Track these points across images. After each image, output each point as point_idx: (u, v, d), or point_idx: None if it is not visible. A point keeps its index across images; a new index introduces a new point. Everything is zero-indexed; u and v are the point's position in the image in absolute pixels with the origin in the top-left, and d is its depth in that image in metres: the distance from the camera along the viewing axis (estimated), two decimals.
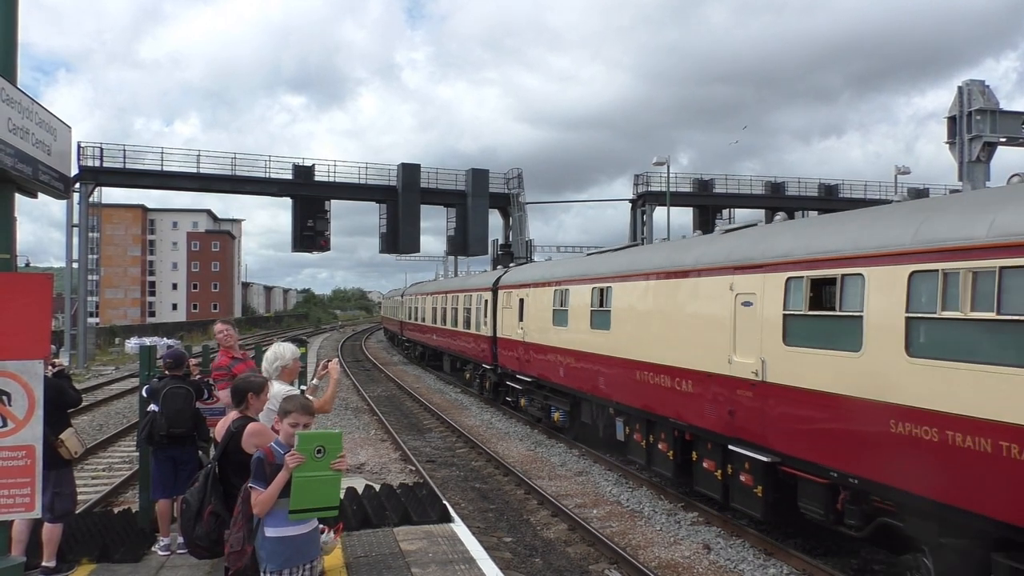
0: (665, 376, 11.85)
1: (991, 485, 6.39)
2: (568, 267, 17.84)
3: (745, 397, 9.79)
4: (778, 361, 9.16)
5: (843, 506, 8.42)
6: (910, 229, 7.49)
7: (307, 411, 4.63)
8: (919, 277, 7.13)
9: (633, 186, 47.87)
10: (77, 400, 7.31)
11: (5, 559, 4.85)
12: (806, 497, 8.89)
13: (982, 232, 6.58)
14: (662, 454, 12.24)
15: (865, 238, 8.11)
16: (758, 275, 9.65)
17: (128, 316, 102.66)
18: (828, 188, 49.94)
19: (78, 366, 36.13)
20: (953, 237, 6.89)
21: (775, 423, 9.24)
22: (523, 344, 19.54)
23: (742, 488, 9.94)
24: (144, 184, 42.13)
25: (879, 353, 7.56)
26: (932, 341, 7.06)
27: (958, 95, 27.77)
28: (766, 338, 9.38)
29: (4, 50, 4.88)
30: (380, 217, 44.19)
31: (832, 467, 8.29)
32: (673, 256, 12.37)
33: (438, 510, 8.90)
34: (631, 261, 14.00)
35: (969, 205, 7.24)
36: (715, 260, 10.85)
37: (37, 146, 5.03)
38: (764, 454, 9.37)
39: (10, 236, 5.00)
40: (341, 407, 23.33)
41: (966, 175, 27.18)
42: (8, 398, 4.67)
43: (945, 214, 7.32)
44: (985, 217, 6.68)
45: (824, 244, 8.71)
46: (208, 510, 5.03)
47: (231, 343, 7.99)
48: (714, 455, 10.65)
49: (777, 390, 9.19)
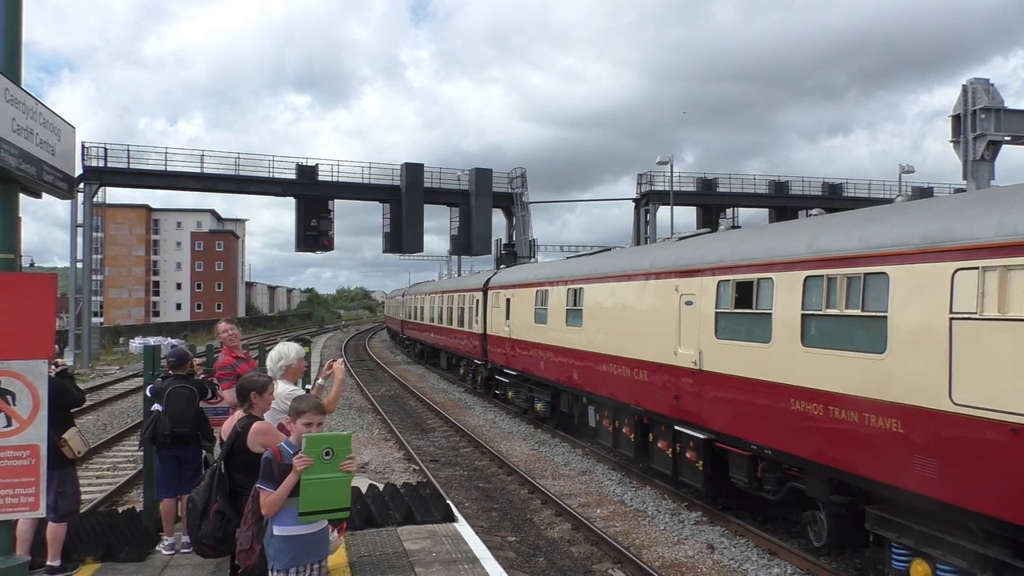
0: (626, 367, 13.42)
1: (859, 449, 7.87)
2: (547, 270, 19.57)
3: (687, 383, 11.31)
4: (711, 352, 10.70)
5: (762, 474, 9.98)
6: (806, 241, 9.03)
7: (320, 410, 4.65)
8: (811, 281, 8.66)
9: (637, 185, 47.87)
10: (80, 400, 7.32)
11: (10, 558, 4.85)
12: (735, 468, 10.44)
13: (853, 244, 8.16)
14: (625, 437, 13.77)
15: (775, 248, 9.60)
16: (697, 278, 11.21)
17: (132, 316, 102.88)
18: (832, 187, 49.86)
19: (82, 366, 36.21)
20: (834, 248, 8.42)
21: (709, 405, 10.78)
22: (509, 340, 21.05)
23: (688, 464, 11.42)
24: (148, 184, 42.24)
25: (783, 344, 9.07)
26: (819, 333, 8.57)
27: (962, 93, 27.69)
28: (702, 332, 10.92)
29: (8, 50, 4.89)
30: (383, 217, 44.24)
31: (752, 441, 9.83)
32: (633, 261, 14.04)
33: (442, 510, 8.90)
34: (599, 265, 15.52)
35: (850, 222, 8.77)
36: (665, 265, 12.39)
37: (41, 146, 5.03)
38: (702, 432, 10.90)
39: (14, 236, 5.00)
40: (345, 406, 23.34)
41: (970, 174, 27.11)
42: (12, 398, 4.68)
43: (832, 229, 8.83)
44: (856, 232, 8.27)
45: (746, 253, 10.18)
46: (214, 509, 5.04)
47: (235, 343, 7.96)
48: (666, 436, 12.11)
49: (710, 377, 10.71)
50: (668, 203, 41.39)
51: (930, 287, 7.05)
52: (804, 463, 8.90)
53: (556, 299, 17.37)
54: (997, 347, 6.34)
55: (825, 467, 8.47)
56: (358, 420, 21.09)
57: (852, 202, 45.94)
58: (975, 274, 6.58)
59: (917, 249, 7.29)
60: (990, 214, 6.74)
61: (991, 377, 6.40)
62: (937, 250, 7.05)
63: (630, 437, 13.50)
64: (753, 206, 49.78)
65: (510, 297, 21.31)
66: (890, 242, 7.68)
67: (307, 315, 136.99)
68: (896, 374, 7.36)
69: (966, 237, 6.79)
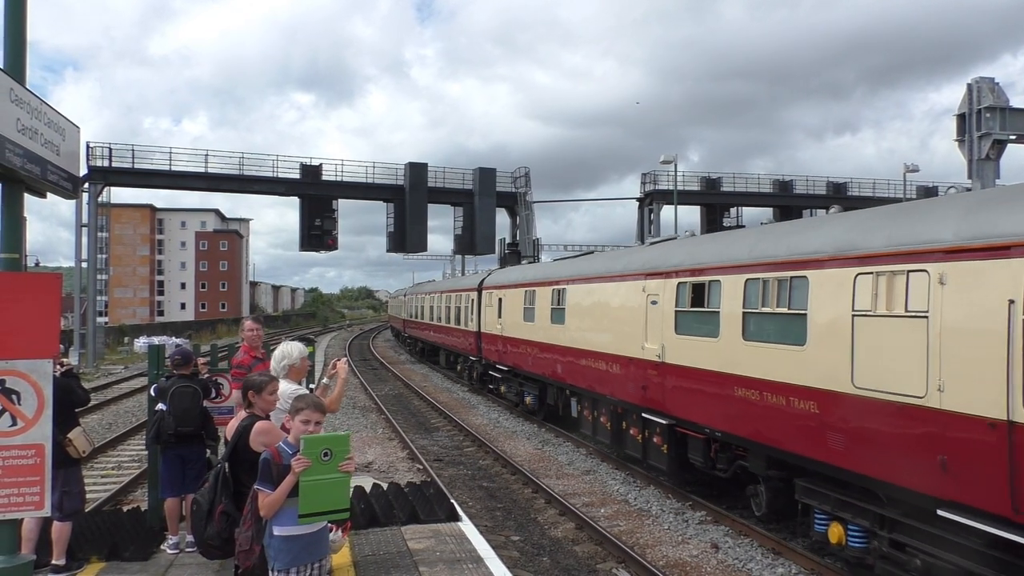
0: (602, 361, 14.64)
1: (787, 429, 9.05)
2: (535, 271, 21.05)
3: (652, 375, 12.50)
4: (672, 346, 11.92)
5: (715, 455, 11.17)
6: (747, 248, 10.25)
7: (319, 409, 4.62)
8: (750, 283, 9.88)
9: (641, 184, 47.80)
10: (85, 399, 7.34)
11: (15, 557, 4.87)
12: (692, 450, 11.67)
13: (783, 251, 9.39)
14: (603, 426, 15.02)
15: (723, 254, 10.80)
16: (660, 280, 12.40)
17: (137, 315, 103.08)
18: (836, 186, 49.74)
19: (88, 365, 36.29)
20: (768, 255, 9.67)
21: (670, 394, 11.98)
22: (501, 338, 22.33)
23: (655, 448, 12.64)
24: (153, 184, 42.31)
25: (728, 338, 10.31)
26: (756, 328, 9.79)
27: (967, 92, 27.61)
28: (664, 328, 12.13)
29: (13, 51, 4.90)
30: (387, 216, 44.26)
31: (706, 425, 11.01)
32: (608, 264, 15.31)
33: (446, 509, 8.90)
34: (580, 267, 16.89)
35: (783, 231, 10.20)
36: (634, 268, 13.60)
37: (46, 146, 5.04)
38: (665, 418, 12.10)
39: (19, 236, 5.02)
40: (349, 406, 23.37)
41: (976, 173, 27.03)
42: (17, 397, 4.69)
43: (768, 238, 10.14)
44: (785, 241, 9.55)
45: (700, 258, 11.46)
46: (219, 509, 5.03)
47: (257, 343, 7.88)
48: (636, 423, 13.33)
49: (671, 368, 11.90)
50: (672, 202, 41.36)
51: (838, 289, 8.24)
52: (747, 443, 10.12)
53: (542, 299, 18.56)
54: (885, 339, 7.54)
55: (763, 446, 9.74)
56: (362, 419, 21.10)
57: (857, 201, 45.81)
58: (870, 278, 7.79)
59: (829, 256, 8.49)
60: (883, 228, 7.98)
61: (881, 364, 7.56)
62: (844, 258, 8.26)
63: (607, 426, 14.76)
64: (757, 205, 49.64)
65: (502, 297, 22.49)
66: (810, 250, 8.91)
67: (311, 314, 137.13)
68: (813, 363, 8.58)
69: (864, 247, 8.03)
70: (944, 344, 6.85)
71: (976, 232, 6.75)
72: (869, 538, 8.09)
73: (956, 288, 6.81)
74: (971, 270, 6.71)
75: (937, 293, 6.96)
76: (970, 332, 6.64)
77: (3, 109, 4.47)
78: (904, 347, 7.24)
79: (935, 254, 7.05)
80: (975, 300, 6.64)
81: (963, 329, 6.71)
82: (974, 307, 6.64)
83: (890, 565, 7.77)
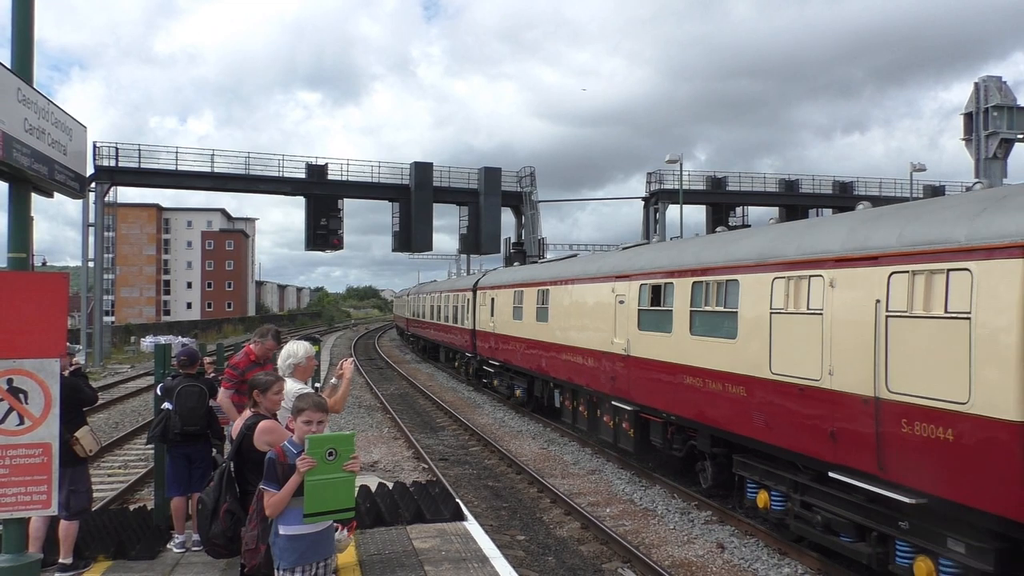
0: (579, 355, 16.20)
1: (724, 409, 10.54)
2: (523, 273, 22.42)
3: (620, 366, 13.98)
4: (635, 341, 13.39)
5: (671, 436, 12.52)
6: (694, 255, 11.80)
7: (320, 408, 4.61)
8: (696, 285, 11.40)
9: (646, 184, 47.70)
10: (93, 398, 7.35)
11: (22, 556, 4.88)
12: (653, 433, 13.08)
13: (721, 258, 10.87)
14: (581, 415, 16.55)
15: (676, 260, 12.35)
16: (626, 282, 13.96)
17: (143, 315, 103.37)
18: (843, 185, 49.59)
19: (94, 364, 36.43)
20: (710, 261, 11.18)
21: (635, 383, 13.43)
22: (494, 335, 23.99)
23: (623, 432, 14.03)
24: (159, 184, 42.44)
25: (679, 333, 11.84)
26: (701, 324, 11.28)
27: (975, 91, 27.53)
28: (630, 325, 13.59)
29: (20, 51, 4.91)
30: (393, 216, 44.31)
31: (663, 410, 12.44)
32: (584, 267, 16.92)
33: (451, 508, 8.90)
34: (562, 270, 18.44)
35: (724, 240, 11.56)
36: (606, 271, 15.24)
37: (53, 146, 5.05)
38: (631, 405, 13.55)
39: (27, 235, 5.03)
40: (354, 405, 23.40)
41: (983, 171, 26.95)
42: (25, 396, 4.71)
43: (712, 246, 11.59)
44: (724, 249, 11.02)
45: (659, 263, 12.97)
46: (224, 508, 5.03)
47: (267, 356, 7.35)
48: (608, 410, 14.79)
49: (635, 360, 13.40)
50: (677, 202, 41.29)
51: (761, 290, 9.67)
52: (695, 424, 11.61)
53: (529, 299, 20.18)
54: (793, 332, 9.00)
55: (707, 426, 11.19)
56: (367, 419, 21.13)
57: (863, 200, 45.60)
58: (784, 281, 9.22)
59: (754, 263, 9.96)
60: (795, 240, 9.40)
61: (790, 353, 9.04)
62: (765, 264, 9.71)
63: (584, 414, 16.36)
64: (763, 204, 49.48)
65: (494, 297, 24.16)
66: (740, 257, 10.35)
67: (316, 314, 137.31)
68: (743, 354, 10.03)
69: (780, 256, 9.46)
70: (833, 336, 8.33)
71: (855, 245, 8.26)
72: (786, 501, 9.53)
73: (841, 290, 8.29)
74: (851, 275, 8.16)
75: (829, 294, 8.44)
76: (850, 325, 8.08)
77: (10, 109, 4.48)
78: (806, 339, 8.74)
79: (828, 262, 8.52)
80: (853, 299, 8.07)
81: (845, 323, 8.16)
82: (853, 305, 8.07)
83: (801, 523, 9.22)
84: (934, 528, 7.25)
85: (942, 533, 7.15)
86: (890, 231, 7.88)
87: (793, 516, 9.36)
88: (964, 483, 6.71)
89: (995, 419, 6.41)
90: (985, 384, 6.51)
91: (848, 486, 8.14)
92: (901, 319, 7.40)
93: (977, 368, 6.58)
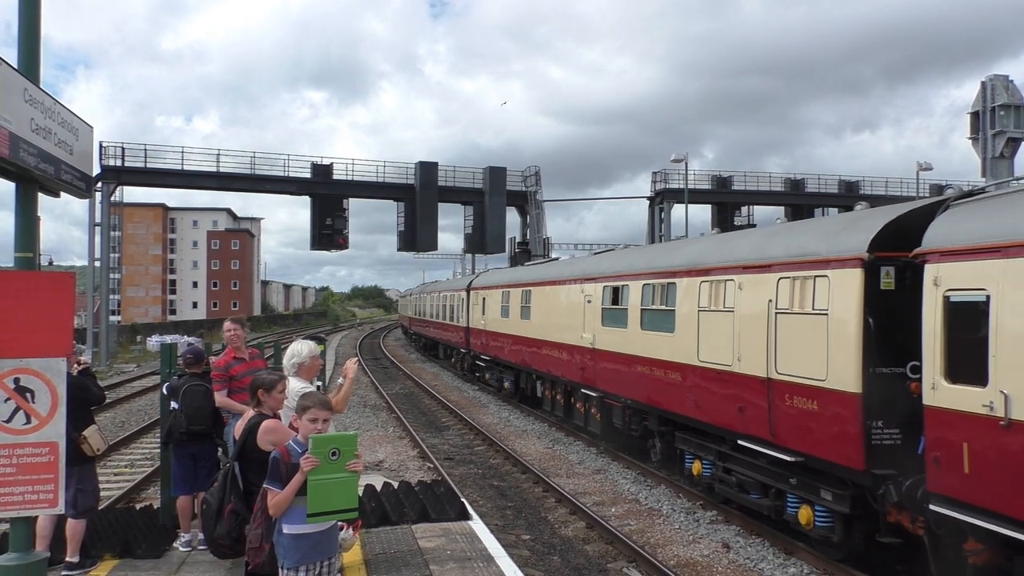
0: (556, 349, 18.20)
1: (666, 393, 12.40)
2: (511, 275, 24.70)
3: (587, 358, 15.96)
4: (600, 335, 15.33)
5: (629, 419, 14.19)
6: (646, 262, 13.85)
7: (325, 406, 4.61)
8: (646, 287, 13.36)
9: (652, 183, 47.58)
10: (100, 398, 7.37)
11: (30, 554, 4.90)
12: (615, 416, 14.93)
13: (664, 264, 12.95)
14: (558, 403, 18.67)
15: (632, 265, 14.36)
16: (593, 284, 16.02)
17: (149, 314, 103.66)
18: (848, 185, 49.42)
19: (100, 364, 36.52)
20: (656, 266, 13.20)
21: (599, 373, 15.40)
22: (485, 332, 26.07)
23: (591, 417, 16.08)
24: (165, 183, 42.53)
25: (632, 328, 13.77)
26: (649, 320, 13.18)
27: (981, 90, 27.40)
28: (595, 322, 15.54)
29: (27, 51, 4.93)
30: (398, 215, 44.32)
31: (620, 395, 14.34)
32: (561, 270, 19.22)
33: (456, 507, 8.91)
34: (542, 272, 20.69)
35: (669, 249, 14.21)
36: (578, 274, 17.30)
37: (59, 146, 5.07)
38: (596, 392, 15.59)
39: (33, 235, 5.05)
40: (360, 404, 23.43)
41: (990, 171, 26.84)
42: (32, 395, 4.73)
43: (660, 254, 13.81)
44: (667, 257, 13.11)
45: (618, 268, 15.03)
46: (228, 509, 5.03)
47: (238, 343, 7.61)
48: (579, 398, 16.88)
49: (600, 353, 15.33)
50: (683, 201, 41.21)
51: (692, 291, 11.64)
52: (645, 407, 13.50)
53: (515, 298, 22.19)
54: (714, 326, 10.87)
55: (655, 408, 13.07)
56: (372, 418, 21.15)
57: (869, 199, 45.41)
58: (708, 284, 11.18)
59: (686, 269, 11.99)
60: (718, 250, 11.39)
61: (711, 343, 10.95)
62: (695, 270, 11.70)
63: (560, 402, 18.50)
64: (768, 204, 49.35)
65: (485, 297, 26.20)
66: (678, 264, 12.40)
67: (322, 313, 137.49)
68: (678, 344, 11.93)
69: (706, 263, 11.45)
70: (741, 329, 10.19)
71: (757, 255, 10.14)
72: (713, 468, 11.31)
73: (746, 291, 10.15)
74: (753, 280, 10.02)
75: (738, 295, 10.33)
76: (752, 320, 9.92)
77: (17, 109, 4.49)
78: (723, 332, 10.60)
79: (738, 269, 10.41)
80: (754, 299, 9.92)
81: (749, 318, 10.00)
82: (754, 304, 9.92)
83: (723, 485, 11.08)
84: (812, 482, 9.02)
85: (816, 486, 8.93)
86: (780, 245, 9.83)
87: (718, 480, 11.20)
88: (825, 443, 8.54)
89: (842, 391, 8.23)
90: (836, 364, 8.31)
91: (754, 452, 9.96)
92: (785, 315, 9.27)
93: (832, 352, 8.38)
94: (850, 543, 8.72)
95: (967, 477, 6.79)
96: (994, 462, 6.54)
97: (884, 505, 8.03)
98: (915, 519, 7.75)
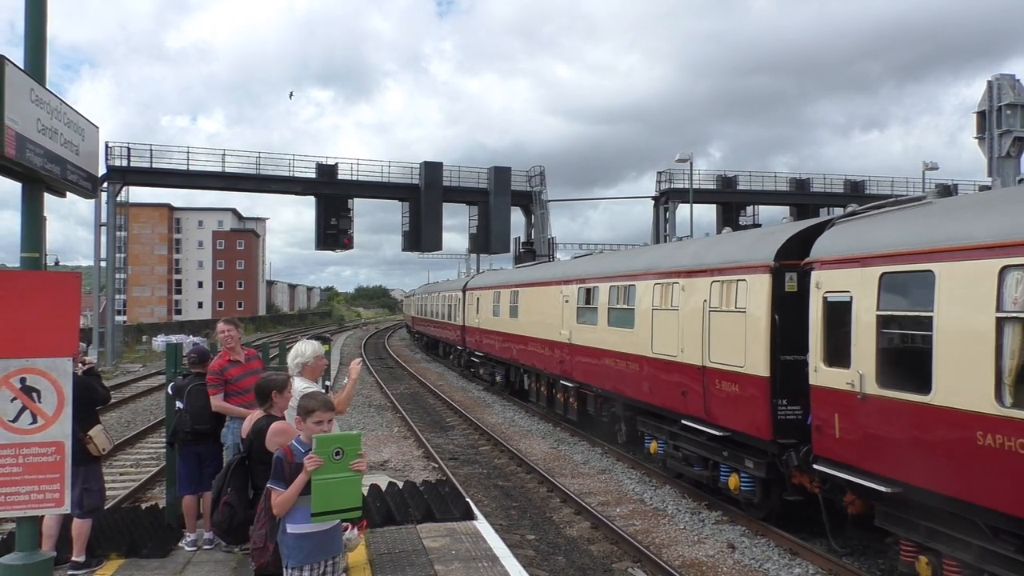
0: (539, 345, 19.95)
1: (632, 383, 13.90)
2: (502, 276, 26.84)
3: (565, 352, 17.73)
4: (575, 331, 17.10)
5: (600, 406, 16.01)
6: (612, 266, 15.63)
7: (329, 407, 4.62)
8: (612, 288, 15.02)
9: (656, 183, 47.49)
10: (106, 398, 7.39)
11: (36, 554, 4.91)
12: (589, 404, 16.77)
13: (626, 267, 14.74)
14: (542, 394, 20.36)
15: (602, 269, 16.08)
16: (570, 285, 17.75)
17: (155, 314, 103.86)
18: (854, 184, 49.24)
19: (106, 363, 36.61)
20: (620, 270, 14.95)
21: (575, 365, 17.17)
22: (479, 330, 27.98)
23: (569, 406, 17.88)
24: (170, 183, 42.61)
25: (602, 324, 15.40)
26: (615, 318, 14.83)
27: (987, 90, 27.33)
28: (572, 319, 17.33)
29: (33, 51, 4.94)
30: (403, 215, 44.32)
31: (592, 385, 16.16)
32: (543, 272, 21.24)
33: (461, 507, 8.91)
34: (529, 275, 22.44)
35: (632, 255, 16.24)
36: (558, 276, 19.12)
37: (65, 146, 5.08)
38: (572, 383, 17.41)
39: (39, 235, 5.05)
40: (364, 404, 23.45)
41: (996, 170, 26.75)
42: (38, 395, 4.74)
43: (623, 259, 15.70)
44: (629, 262, 14.89)
45: (591, 271, 16.79)
46: (223, 500, 5.07)
47: (232, 344, 7.47)
48: (559, 389, 18.66)
49: (575, 347, 17.08)
50: (688, 201, 41.15)
51: (648, 292, 13.25)
52: (612, 395, 15.14)
53: (505, 299, 24.04)
54: (664, 323, 12.52)
55: (620, 396, 14.75)
56: (377, 418, 21.16)
57: (875, 199, 45.25)
58: (660, 286, 12.78)
59: (644, 272, 13.64)
60: (670, 257, 13.10)
61: (662, 337, 12.56)
62: (650, 273, 13.32)
63: (544, 393, 20.18)
64: (773, 204, 49.19)
65: (479, 297, 28.13)
66: (637, 268, 14.08)
67: (327, 313, 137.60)
68: (637, 339, 13.55)
69: (659, 268, 13.11)
70: (683, 324, 11.80)
71: (697, 262, 11.86)
72: (665, 446, 12.93)
73: (688, 292, 11.80)
74: (693, 282, 11.70)
75: (681, 295, 11.97)
76: (691, 317, 11.58)
77: (23, 109, 4.50)
78: (670, 328, 12.20)
79: (683, 273, 12.06)
80: (693, 299, 11.59)
81: (689, 315, 11.65)
82: (693, 303, 11.57)
83: (673, 461, 12.69)
84: (738, 453, 10.61)
85: (742, 456, 10.51)
86: (714, 253, 11.52)
87: (669, 456, 12.87)
88: (745, 419, 10.20)
89: (755, 375, 9.91)
90: (751, 353, 9.99)
91: (695, 430, 11.58)
92: (716, 312, 10.93)
93: (748, 343, 10.05)
94: (768, 503, 10.39)
95: (837, 441, 8.41)
96: (854, 428, 8.14)
97: (789, 469, 9.64)
98: (812, 480, 9.27)
